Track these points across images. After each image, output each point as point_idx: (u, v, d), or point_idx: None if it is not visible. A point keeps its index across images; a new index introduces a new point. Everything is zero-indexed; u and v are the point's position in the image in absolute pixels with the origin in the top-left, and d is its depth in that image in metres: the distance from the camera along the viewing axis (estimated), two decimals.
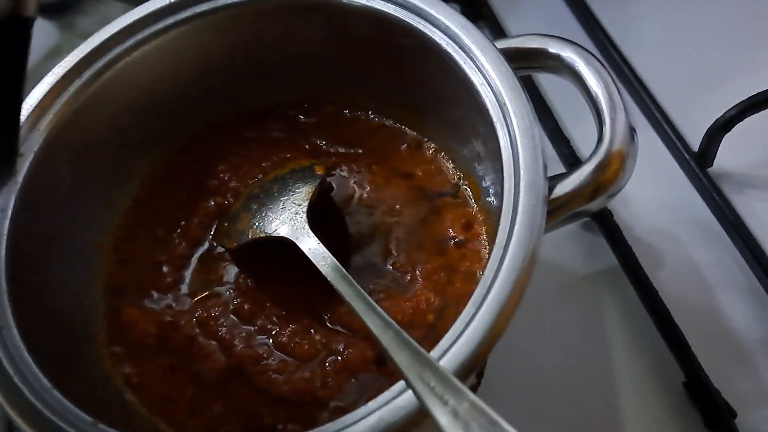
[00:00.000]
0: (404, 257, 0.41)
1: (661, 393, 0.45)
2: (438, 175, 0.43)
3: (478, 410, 0.26)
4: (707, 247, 0.49)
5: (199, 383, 0.38)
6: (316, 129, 0.46)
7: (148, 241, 0.43)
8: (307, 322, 0.39)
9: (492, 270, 0.30)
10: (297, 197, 0.39)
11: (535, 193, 0.31)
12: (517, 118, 0.33)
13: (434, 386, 0.27)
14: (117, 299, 0.41)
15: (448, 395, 0.27)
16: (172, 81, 0.43)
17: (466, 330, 0.29)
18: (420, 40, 0.38)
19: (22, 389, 0.31)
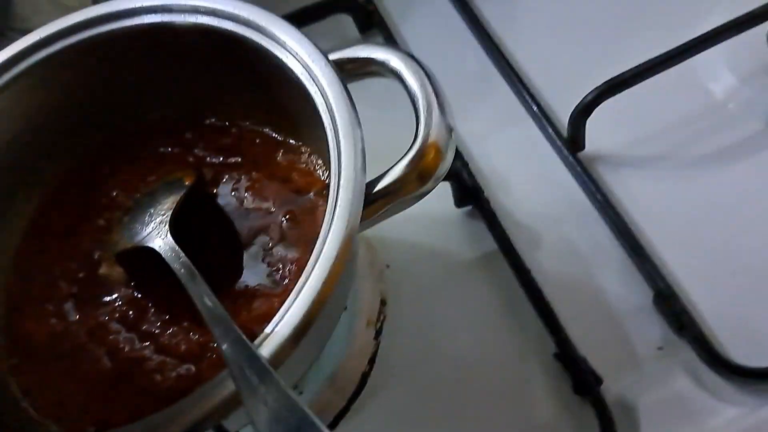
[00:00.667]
0: (278, 256, 0.44)
1: (536, 364, 0.48)
2: (310, 176, 0.46)
3: (285, 399, 0.29)
4: (583, 227, 0.52)
5: (88, 387, 0.42)
6: (199, 142, 0.49)
7: (45, 258, 0.46)
8: (186, 324, 0.42)
9: (313, 261, 0.33)
10: (162, 207, 0.42)
11: (351, 188, 0.34)
12: (341, 120, 0.36)
13: (248, 371, 0.30)
14: (15, 314, 0.45)
15: (261, 384, 0.30)
16: (51, 110, 0.46)
17: (281, 321, 0.32)
18: (266, 57, 0.41)
19: None
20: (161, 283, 0.44)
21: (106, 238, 0.46)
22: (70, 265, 0.46)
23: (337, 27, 0.63)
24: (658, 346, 0.47)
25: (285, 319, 0.32)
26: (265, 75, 0.42)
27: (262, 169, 0.47)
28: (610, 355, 0.47)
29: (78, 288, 0.45)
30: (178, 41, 0.43)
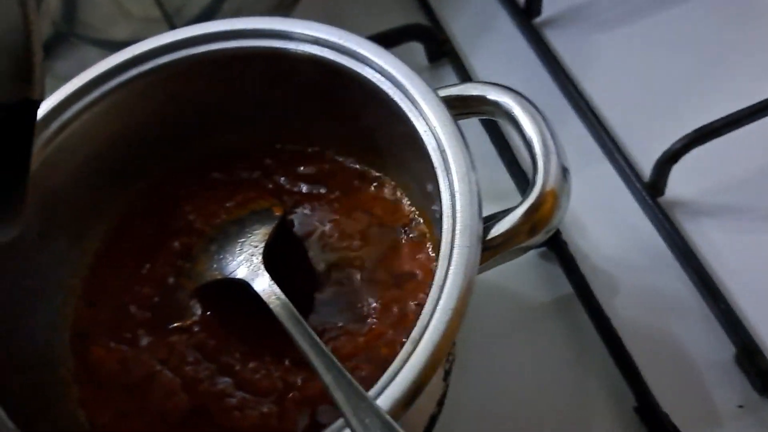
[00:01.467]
0: (362, 292, 0.42)
1: (614, 417, 0.46)
2: (396, 212, 0.45)
3: None
4: (660, 274, 0.51)
5: (162, 422, 0.40)
6: (279, 169, 0.48)
7: (116, 281, 0.45)
8: (268, 359, 0.41)
9: (430, 308, 0.32)
10: (254, 239, 0.41)
11: (468, 234, 0.33)
12: (455, 163, 0.35)
13: (368, 423, 0.29)
14: (85, 340, 0.43)
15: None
16: (138, 129, 0.45)
17: (402, 369, 0.31)
18: (369, 88, 0.40)
19: None
20: (239, 315, 0.43)
21: (181, 264, 0.45)
22: (142, 290, 0.45)
23: (407, 54, 0.62)
24: (738, 404, 0.46)
25: (403, 374, 0.31)
26: (363, 107, 0.41)
27: (343, 201, 0.46)
28: (690, 412, 0.46)
29: (151, 314, 0.44)
30: (285, 68, 0.41)
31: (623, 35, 0.62)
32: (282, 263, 0.44)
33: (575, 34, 0.62)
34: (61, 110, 0.42)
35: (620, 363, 0.47)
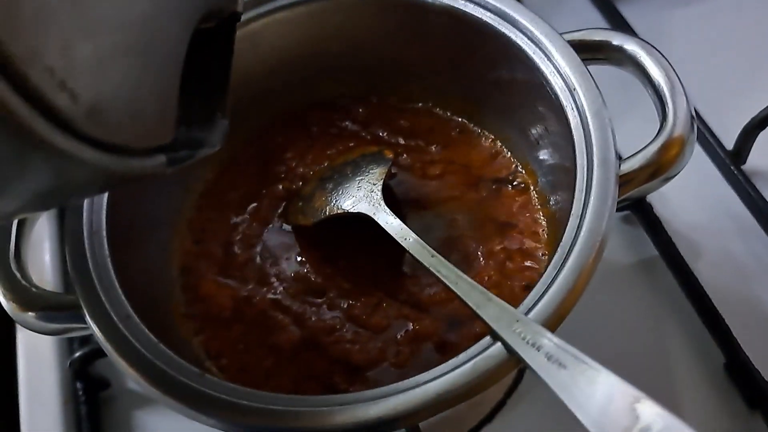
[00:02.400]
0: (466, 238, 0.43)
1: (703, 375, 0.47)
2: (495, 162, 0.46)
3: (566, 350, 0.28)
4: (744, 240, 0.52)
5: (274, 354, 0.41)
6: (378, 120, 0.48)
7: (221, 221, 0.46)
8: (376, 296, 0.42)
9: (570, 237, 0.33)
10: (371, 177, 0.42)
11: (607, 167, 0.34)
12: (587, 101, 0.36)
13: (523, 335, 0.30)
14: (193, 275, 0.44)
15: (538, 340, 0.29)
16: (249, 72, 0.45)
17: (549, 288, 0.31)
18: (491, 34, 0.40)
19: (133, 343, 0.33)
20: (340, 253, 0.44)
21: (294, 206, 0.45)
22: (247, 229, 0.45)
23: None
24: None
25: (552, 292, 0.31)
26: (483, 56, 0.42)
27: (442, 152, 0.47)
28: None
29: (256, 254, 0.44)
30: (422, 18, 0.42)
31: (701, 12, 0.63)
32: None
33: (652, 10, 0.63)
34: None
35: (708, 321, 0.48)
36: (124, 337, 0.33)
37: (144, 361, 0.32)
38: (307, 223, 0.43)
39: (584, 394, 0.27)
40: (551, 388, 0.29)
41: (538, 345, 0.29)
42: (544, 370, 0.29)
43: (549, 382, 0.28)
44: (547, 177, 0.42)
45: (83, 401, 0.49)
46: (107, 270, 0.36)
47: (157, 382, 0.32)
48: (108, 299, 0.35)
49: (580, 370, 0.28)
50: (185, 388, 0.31)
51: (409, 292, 0.41)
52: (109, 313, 0.34)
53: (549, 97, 0.38)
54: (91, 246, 0.36)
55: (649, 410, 0.27)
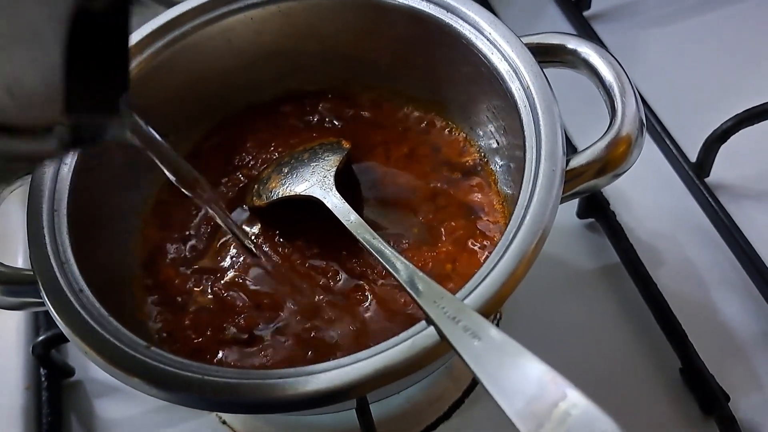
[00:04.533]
0: (430, 216, 0.44)
1: (658, 379, 0.48)
2: (462, 153, 0.47)
3: (483, 325, 0.29)
4: (704, 250, 0.53)
5: (229, 339, 0.41)
6: (344, 115, 0.50)
7: (184, 208, 0.46)
8: (330, 269, 0.43)
9: (514, 225, 0.34)
10: (326, 164, 0.43)
11: (554, 161, 0.35)
12: (538, 98, 0.37)
13: (445, 309, 0.30)
14: (155, 260, 0.44)
15: (458, 315, 0.30)
16: (221, 66, 0.47)
17: (490, 273, 0.32)
18: (451, 35, 0.42)
19: (82, 314, 0.34)
20: (294, 233, 0.45)
21: (251, 189, 0.46)
22: (207, 216, 0.46)
23: None
24: None
25: (491, 277, 0.32)
26: (446, 57, 0.43)
27: (412, 139, 0.48)
28: (734, 376, 0.47)
29: (216, 238, 0.45)
30: (385, 18, 0.44)
31: (669, 32, 0.65)
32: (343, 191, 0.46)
33: (623, 29, 0.65)
34: (153, 40, 0.44)
35: (666, 327, 0.48)
36: (74, 309, 0.34)
37: (91, 331, 0.33)
38: (261, 204, 0.44)
39: (498, 368, 0.28)
40: (464, 360, 0.29)
41: (458, 319, 0.30)
42: (459, 342, 0.30)
43: (462, 353, 0.29)
44: (505, 168, 0.44)
45: (45, 387, 0.50)
46: (65, 247, 0.37)
47: (103, 352, 0.32)
48: (62, 273, 0.35)
49: (496, 345, 0.28)
50: (131, 360, 0.32)
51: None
52: (62, 287, 0.35)
53: (505, 95, 0.39)
54: (50, 223, 0.37)
55: (569, 395, 0.27)
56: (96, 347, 0.33)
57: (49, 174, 0.39)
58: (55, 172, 0.39)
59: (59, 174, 0.39)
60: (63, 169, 0.40)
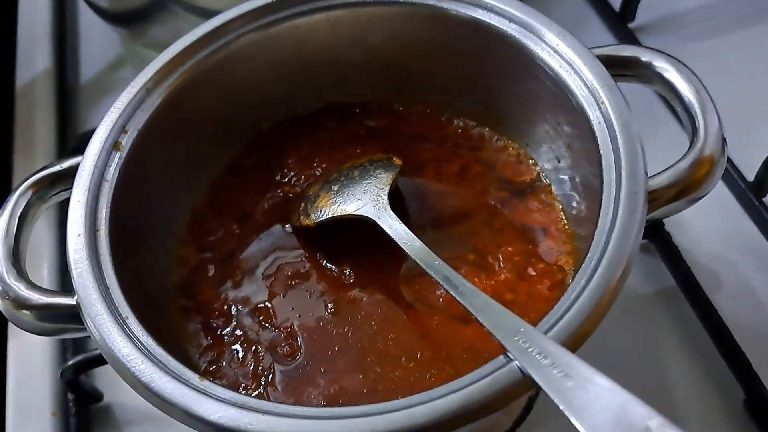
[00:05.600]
0: (486, 239, 0.42)
1: (721, 411, 0.45)
2: (518, 169, 0.44)
3: (572, 362, 0.27)
4: (764, 273, 0.50)
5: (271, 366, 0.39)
6: (391, 128, 0.48)
7: (222, 228, 0.44)
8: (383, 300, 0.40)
9: (596, 252, 0.31)
10: (378, 181, 0.41)
11: (635, 181, 0.33)
12: (615, 114, 0.35)
13: (527, 344, 0.28)
14: (193, 282, 0.42)
15: (544, 350, 0.28)
16: (264, 76, 0.45)
17: (574, 305, 0.30)
18: (513, 46, 0.40)
19: (132, 345, 0.31)
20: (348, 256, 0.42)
21: (297, 207, 0.44)
22: (247, 235, 0.44)
23: None
24: None
25: (576, 309, 0.30)
26: (507, 70, 0.41)
27: (463, 155, 0.46)
28: None
29: (255, 258, 0.43)
30: (447, 29, 0.42)
31: (717, 45, 0.62)
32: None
33: (669, 41, 0.63)
34: (194, 50, 0.42)
35: (728, 356, 0.46)
36: (122, 340, 0.31)
37: (143, 364, 0.30)
38: (309, 223, 0.42)
39: (590, 408, 0.25)
40: (553, 399, 0.28)
41: (544, 354, 0.28)
42: (548, 381, 0.28)
43: (552, 394, 0.27)
44: (569, 187, 0.41)
45: (74, 413, 0.47)
46: (107, 270, 0.34)
47: (157, 386, 0.30)
48: (105, 299, 0.33)
49: (587, 383, 0.26)
50: (185, 396, 0.29)
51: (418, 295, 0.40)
52: (108, 314, 0.32)
53: (574, 110, 0.37)
54: (91, 244, 0.35)
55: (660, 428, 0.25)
56: (148, 382, 0.30)
57: (89, 191, 0.37)
58: (95, 189, 0.37)
59: (100, 190, 0.37)
60: (104, 186, 0.37)
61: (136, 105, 0.40)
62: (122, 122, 0.39)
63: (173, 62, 0.41)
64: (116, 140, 0.38)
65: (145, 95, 0.40)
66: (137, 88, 0.40)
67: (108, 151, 0.38)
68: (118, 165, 0.38)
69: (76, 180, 0.37)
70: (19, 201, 0.37)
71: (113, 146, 0.38)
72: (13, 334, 0.51)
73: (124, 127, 0.39)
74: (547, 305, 0.37)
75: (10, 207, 0.37)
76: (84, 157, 0.37)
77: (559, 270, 0.40)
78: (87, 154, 0.38)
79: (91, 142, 0.38)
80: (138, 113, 0.40)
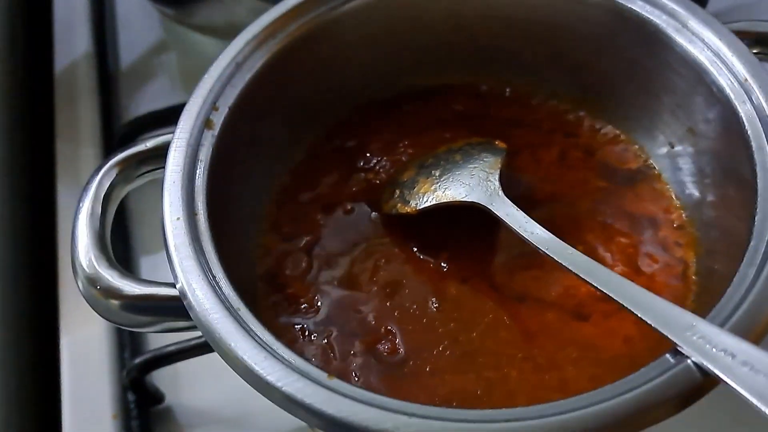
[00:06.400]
0: (595, 231, 0.39)
1: None
2: (623, 155, 0.42)
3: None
4: None
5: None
6: (481, 112, 0.45)
7: (304, 217, 0.41)
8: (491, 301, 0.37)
9: (763, 237, 0.29)
10: (486, 165, 0.38)
11: None
12: (762, 91, 0.32)
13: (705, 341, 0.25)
14: (280, 275, 0.39)
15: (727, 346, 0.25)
16: (349, 53, 0.42)
17: (748, 296, 0.27)
18: (641, 25, 0.37)
19: (252, 340, 0.28)
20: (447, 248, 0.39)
21: (390, 194, 0.41)
22: (332, 225, 0.41)
23: None
24: None
25: (754, 296, 0.27)
26: (627, 50, 0.39)
27: (562, 141, 0.43)
28: None
29: (347, 250, 0.40)
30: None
31: None
32: None
33: None
34: (286, 23, 0.39)
35: None
36: (241, 335, 0.28)
37: (267, 360, 0.27)
38: (411, 211, 0.38)
39: None
40: (746, 397, 0.24)
41: (725, 349, 0.25)
42: (737, 377, 0.25)
43: (744, 390, 0.24)
44: (688, 172, 0.39)
45: (135, 416, 0.44)
46: (211, 257, 0.31)
47: (288, 387, 0.27)
48: (214, 289, 0.30)
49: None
50: (320, 396, 0.26)
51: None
52: (220, 306, 0.29)
53: (708, 89, 0.34)
54: (192, 229, 0.32)
55: None
56: (273, 381, 0.27)
57: (185, 171, 0.33)
58: (191, 170, 0.33)
59: (195, 171, 0.34)
60: (198, 167, 0.34)
61: (226, 80, 0.36)
62: (213, 98, 0.36)
63: (264, 34, 0.38)
64: (207, 117, 0.35)
65: (235, 69, 0.37)
66: (227, 61, 0.37)
67: (200, 129, 0.35)
68: (211, 144, 0.35)
69: (169, 159, 0.33)
70: (103, 181, 0.34)
71: (205, 124, 0.35)
72: (67, 330, 0.48)
73: (215, 103, 0.36)
74: (675, 300, 0.34)
75: (93, 187, 0.33)
76: (176, 135, 0.34)
77: (679, 262, 0.37)
78: (179, 131, 0.34)
79: (183, 119, 0.35)
80: (228, 89, 0.36)
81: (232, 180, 0.37)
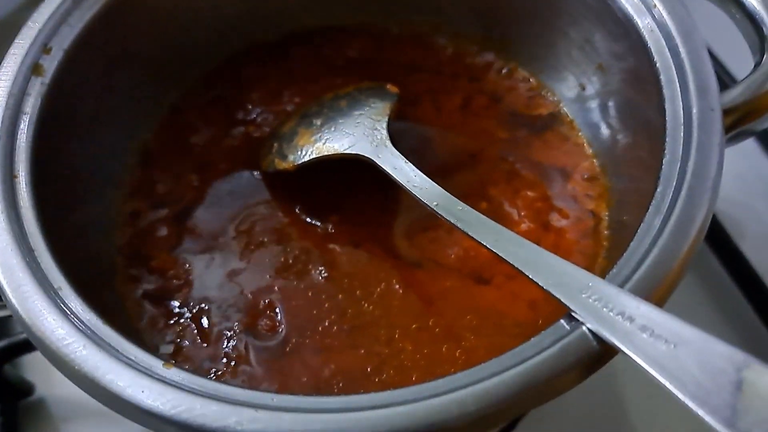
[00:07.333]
0: (500, 185, 0.35)
1: None
2: (532, 100, 0.38)
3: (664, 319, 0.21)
4: None
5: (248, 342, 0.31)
6: (375, 55, 0.40)
7: (177, 176, 0.36)
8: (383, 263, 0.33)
9: (669, 184, 0.25)
10: (373, 112, 0.33)
11: (708, 96, 0.26)
12: (674, 22, 0.28)
13: (602, 303, 0.22)
14: (142, 245, 0.34)
15: (626, 309, 0.21)
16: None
17: (652, 250, 0.23)
18: None
19: (68, 324, 0.23)
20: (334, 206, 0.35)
21: (268, 148, 0.36)
22: (205, 186, 0.36)
23: None
24: None
25: (655, 254, 0.23)
26: None
27: (467, 86, 0.39)
28: None
29: (222, 215, 0.35)
30: None
31: None
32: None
33: None
34: None
35: (759, 308, 0.41)
36: (55, 316, 0.23)
37: (85, 349, 0.22)
38: (288, 167, 0.34)
39: (700, 377, 0.19)
40: (648, 369, 0.21)
41: (623, 312, 0.21)
42: (636, 347, 0.21)
43: (643, 361, 0.20)
44: (599, 116, 0.35)
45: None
46: (30, 228, 0.26)
47: (106, 378, 0.22)
48: (31, 265, 0.25)
49: (681, 342, 0.20)
50: (145, 387, 0.22)
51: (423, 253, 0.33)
52: (33, 283, 0.24)
53: (616, 22, 0.30)
54: (8, 194, 0.26)
55: None
56: (90, 371, 0.22)
57: (2, 125, 0.28)
58: (11, 124, 0.28)
59: (17, 126, 0.28)
60: (21, 120, 0.28)
61: (61, 18, 0.31)
62: (43, 39, 0.30)
63: None
64: (36, 61, 0.30)
65: (72, 6, 0.31)
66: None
67: (26, 76, 0.29)
68: (40, 94, 0.29)
69: None
70: None
71: (32, 69, 0.29)
72: None
73: (46, 45, 0.30)
74: (583, 259, 0.31)
75: None
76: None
77: (590, 216, 0.34)
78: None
79: (3, 64, 0.29)
80: (63, 28, 0.31)
81: (76, 137, 0.31)
